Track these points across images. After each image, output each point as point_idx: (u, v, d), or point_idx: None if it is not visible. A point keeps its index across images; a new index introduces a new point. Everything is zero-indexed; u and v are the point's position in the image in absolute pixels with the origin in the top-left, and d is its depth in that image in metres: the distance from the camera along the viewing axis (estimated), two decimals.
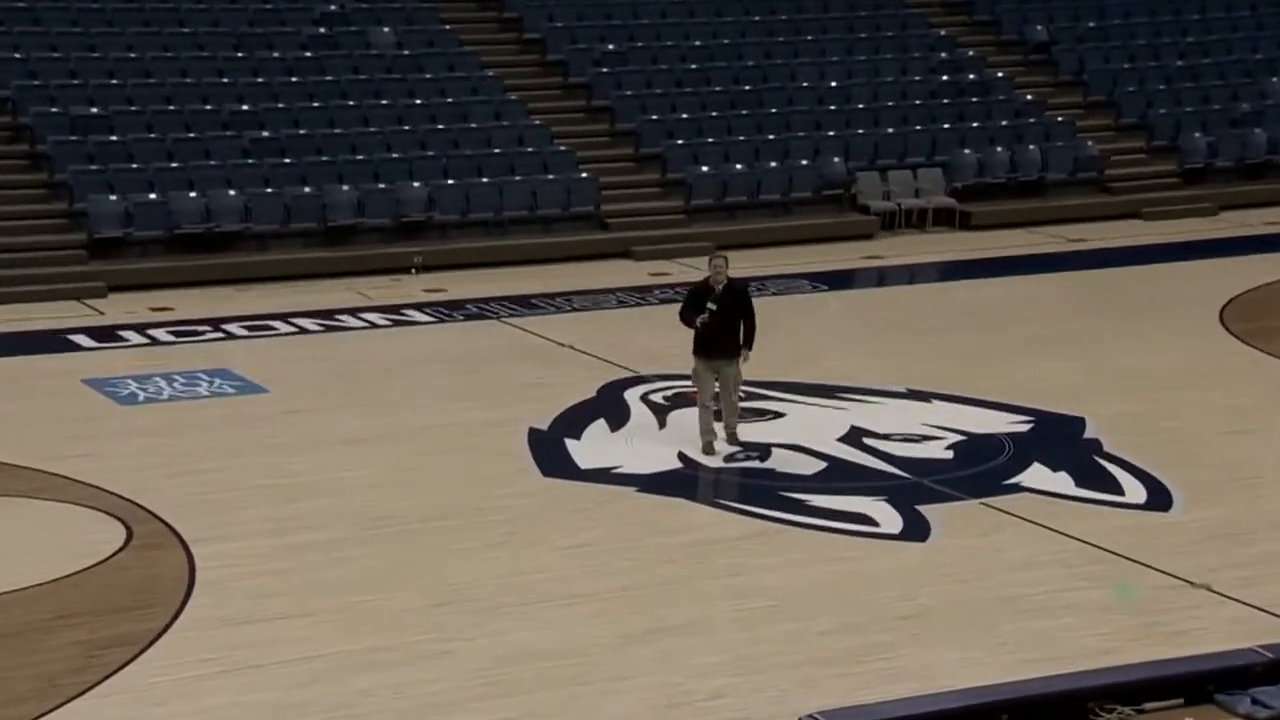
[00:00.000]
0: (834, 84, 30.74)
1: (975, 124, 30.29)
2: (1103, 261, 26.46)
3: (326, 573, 13.63)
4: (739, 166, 28.18)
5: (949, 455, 16.68)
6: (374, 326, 22.27)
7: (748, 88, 30.25)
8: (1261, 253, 26.76)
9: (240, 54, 28.45)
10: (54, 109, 26.25)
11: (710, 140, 28.77)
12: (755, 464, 16.40)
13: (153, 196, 24.83)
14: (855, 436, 17.20)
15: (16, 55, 27.29)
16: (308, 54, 28.85)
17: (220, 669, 11.80)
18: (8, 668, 11.80)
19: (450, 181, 26.51)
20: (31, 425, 17.75)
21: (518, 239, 26.49)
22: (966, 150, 29.54)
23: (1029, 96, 31.60)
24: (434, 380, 19.72)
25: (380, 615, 12.78)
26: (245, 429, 17.57)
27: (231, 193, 25.14)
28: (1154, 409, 18.28)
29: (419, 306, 23.19)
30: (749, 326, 16.52)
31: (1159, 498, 15.47)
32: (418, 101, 28.21)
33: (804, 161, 28.57)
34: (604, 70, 29.97)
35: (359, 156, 26.60)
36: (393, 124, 27.60)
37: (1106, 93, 32.14)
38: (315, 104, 27.62)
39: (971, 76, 31.76)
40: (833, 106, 30.20)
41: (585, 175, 27.39)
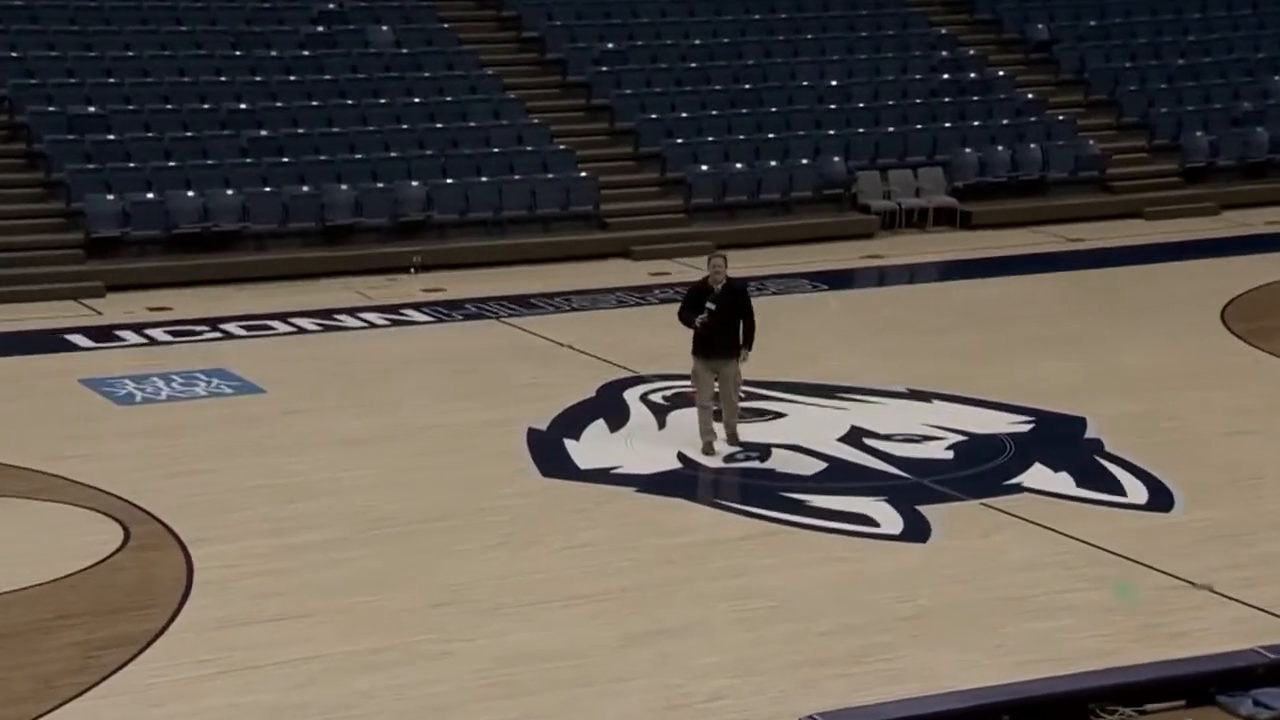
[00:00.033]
0: (834, 83, 30.69)
1: (976, 123, 30.25)
2: (1104, 261, 26.42)
3: (325, 573, 13.59)
4: (739, 165, 28.13)
5: (949, 455, 16.64)
6: (372, 326, 22.23)
7: (748, 86, 30.20)
8: (1263, 252, 26.73)
9: (238, 53, 28.42)
10: (51, 108, 26.20)
11: (710, 139, 28.72)
12: (755, 464, 16.36)
13: (150, 196, 24.79)
14: (855, 437, 17.16)
15: (14, 54, 27.24)
16: (306, 53, 28.81)
17: (218, 670, 11.77)
18: (5, 668, 11.77)
19: (449, 181, 26.46)
20: (29, 426, 17.71)
21: (517, 238, 26.45)
22: (967, 149, 29.49)
23: (1030, 95, 31.56)
24: (433, 380, 19.68)
25: (379, 616, 12.74)
26: (243, 429, 17.53)
27: (229, 192, 25.09)
28: (1155, 409, 18.24)
29: (417, 306, 23.15)
30: (748, 326, 16.47)
31: (1160, 498, 15.43)
32: (416, 100, 28.16)
33: (804, 160, 28.52)
34: (603, 69, 29.92)
35: (357, 156, 26.56)
36: (391, 123, 27.55)
37: (1108, 92, 32.09)
38: (313, 103, 27.57)
39: (972, 75, 31.72)
40: (833, 105, 30.16)
41: (584, 174, 27.34)
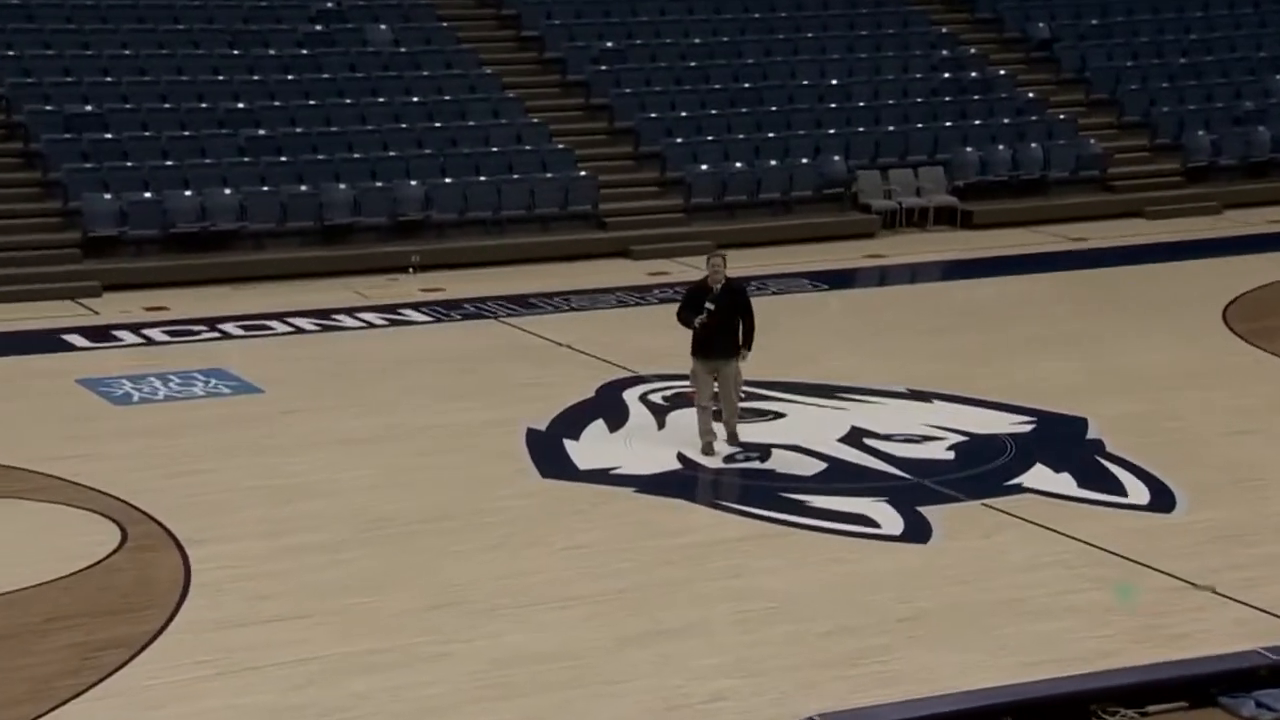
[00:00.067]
0: (835, 82, 30.66)
1: (977, 122, 30.21)
2: (1105, 261, 26.38)
3: (323, 574, 13.54)
4: (739, 165, 28.09)
5: (950, 456, 16.60)
6: (371, 326, 22.20)
7: (747, 85, 30.16)
8: (1265, 252, 26.69)
9: (236, 52, 28.38)
10: (48, 107, 26.17)
11: (710, 138, 28.68)
12: (755, 465, 16.32)
13: (148, 195, 24.75)
14: (856, 437, 17.11)
15: (10, 53, 27.22)
16: (304, 52, 28.77)
17: (216, 671, 11.72)
18: (2, 670, 11.72)
19: (448, 180, 26.42)
20: (25, 426, 17.67)
21: (516, 238, 26.41)
22: (968, 148, 29.45)
23: (1031, 94, 31.53)
24: (431, 380, 19.63)
25: (377, 617, 12.69)
26: (241, 429, 17.49)
27: (227, 191, 25.05)
28: (1157, 409, 18.20)
29: (416, 306, 23.12)
30: (748, 326, 16.41)
31: (1162, 499, 15.38)
32: (415, 100, 28.12)
33: (804, 160, 28.47)
34: (602, 68, 29.88)
35: (356, 155, 26.53)
36: (390, 122, 27.52)
37: (1109, 90, 32.05)
38: (312, 102, 27.54)
39: (973, 74, 31.69)
40: (833, 104, 30.12)
41: (584, 174, 27.30)
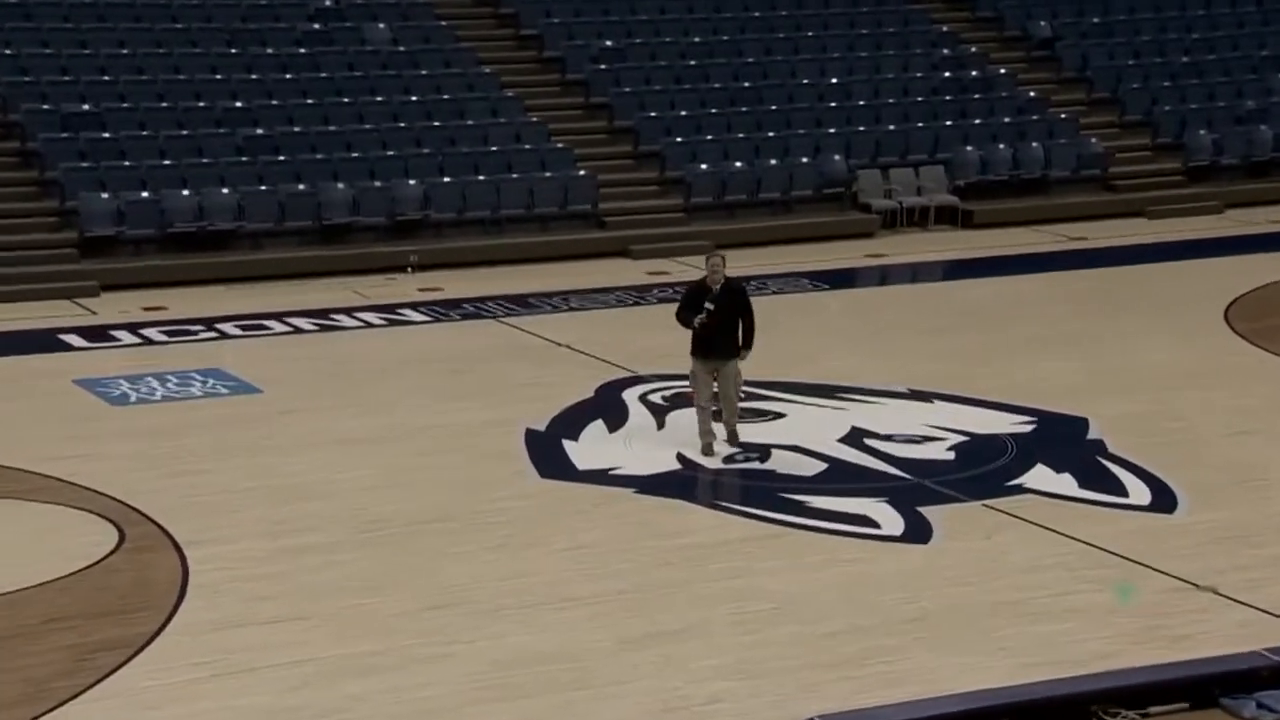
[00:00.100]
0: (835, 81, 30.62)
1: (978, 121, 30.18)
2: (1106, 260, 26.33)
3: (321, 576, 13.49)
4: (738, 164, 28.05)
5: (951, 456, 16.54)
6: (369, 326, 22.17)
7: (747, 84, 30.12)
8: (1267, 251, 26.65)
9: (233, 50, 28.35)
10: (45, 106, 26.16)
11: (709, 138, 28.65)
12: (755, 465, 16.26)
13: (145, 194, 24.75)
14: (856, 437, 17.06)
15: (7, 51, 27.22)
16: (302, 50, 28.74)
17: (213, 673, 11.68)
18: None
19: (446, 179, 26.38)
20: (22, 426, 17.64)
21: (515, 237, 26.38)
22: (969, 148, 29.41)
23: (1032, 93, 31.49)
24: (430, 380, 19.59)
25: (375, 618, 12.64)
26: (239, 430, 17.45)
27: (225, 191, 25.03)
28: (1158, 409, 18.14)
29: (415, 306, 23.11)
30: (748, 326, 16.35)
31: (1164, 499, 15.31)
32: (413, 98, 28.09)
33: (804, 159, 28.43)
34: (602, 67, 29.84)
35: (354, 154, 26.50)
36: (388, 121, 27.49)
37: (1110, 89, 32.01)
38: (310, 101, 27.51)
39: (974, 73, 31.65)
40: (833, 103, 30.08)
41: (583, 173, 27.27)
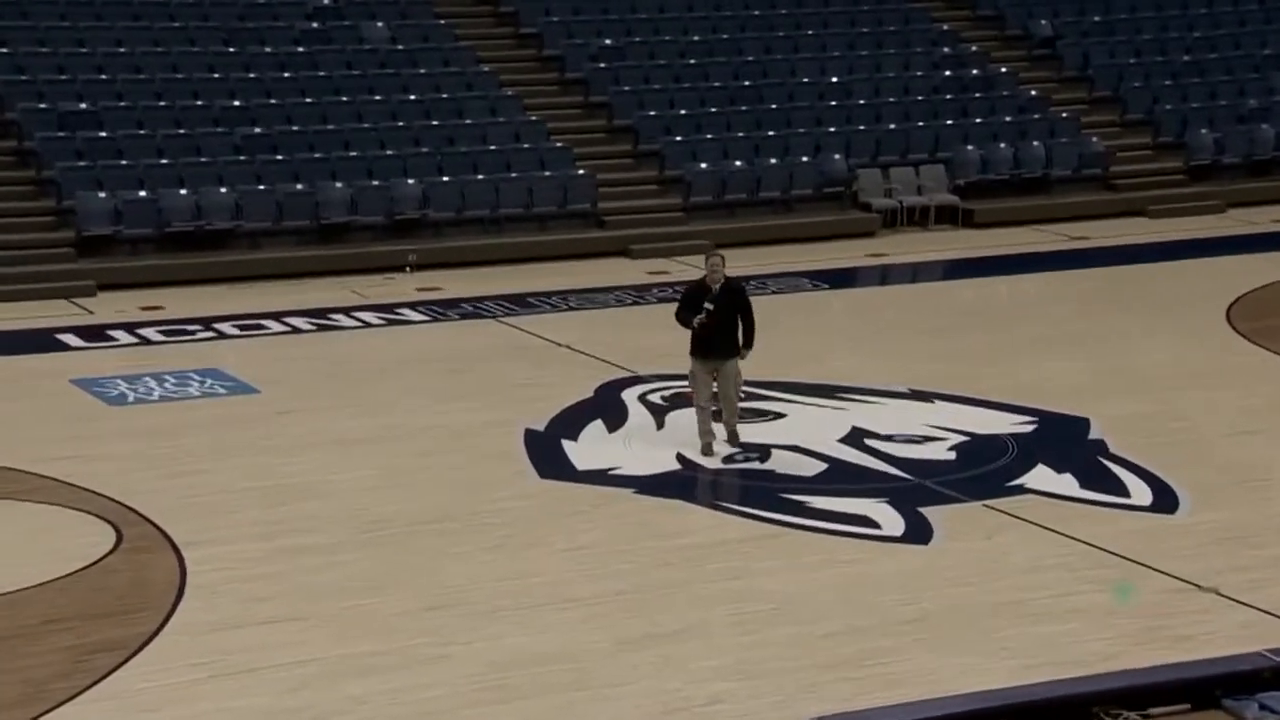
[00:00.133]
0: (835, 79, 30.58)
1: (978, 120, 30.14)
2: (1107, 260, 26.29)
3: (319, 576, 13.45)
4: (738, 163, 28.00)
5: (952, 456, 16.49)
6: (368, 326, 22.14)
7: (747, 83, 30.08)
8: (1269, 251, 26.60)
9: (231, 49, 28.30)
10: (42, 105, 26.12)
11: (709, 137, 28.60)
12: (755, 465, 16.22)
13: (143, 194, 24.70)
14: (856, 437, 17.01)
15: (4, 50, 27.20)
16: (300, 49, 28.69)
17: (211, 674, 11.64)
18: None
19: (445, 179, 26.34)
20: (19, 426, 17.60)
21: (514, 237, 26.34)
22: (969, 147, 29.36)
23: (1033, 92, 31.44)
24: (428, 380, 19.56)
25: (374, 619, 12.60)
26: (237, 430, 17.41)
27: (223, 190, 24.99)
28: (1160, 409, 18.10)
29: (413, 305, 23.08)
30: (748, 326, 16.31)
31: (1165, 500, 15.27)
32: (412, 97, 28.04)
33: (804, 158, 28.39)
34: (601, 66, 29.80)
35: (352, 153, 26.45)
36: (387, 120, 27.45)
37: (1112, 88, 31.97)
38: (308, 100, 27.47)
39: (975, 72, 31.61)
40: (834, 102, 30.03)
41: (582, 172, 27.22)
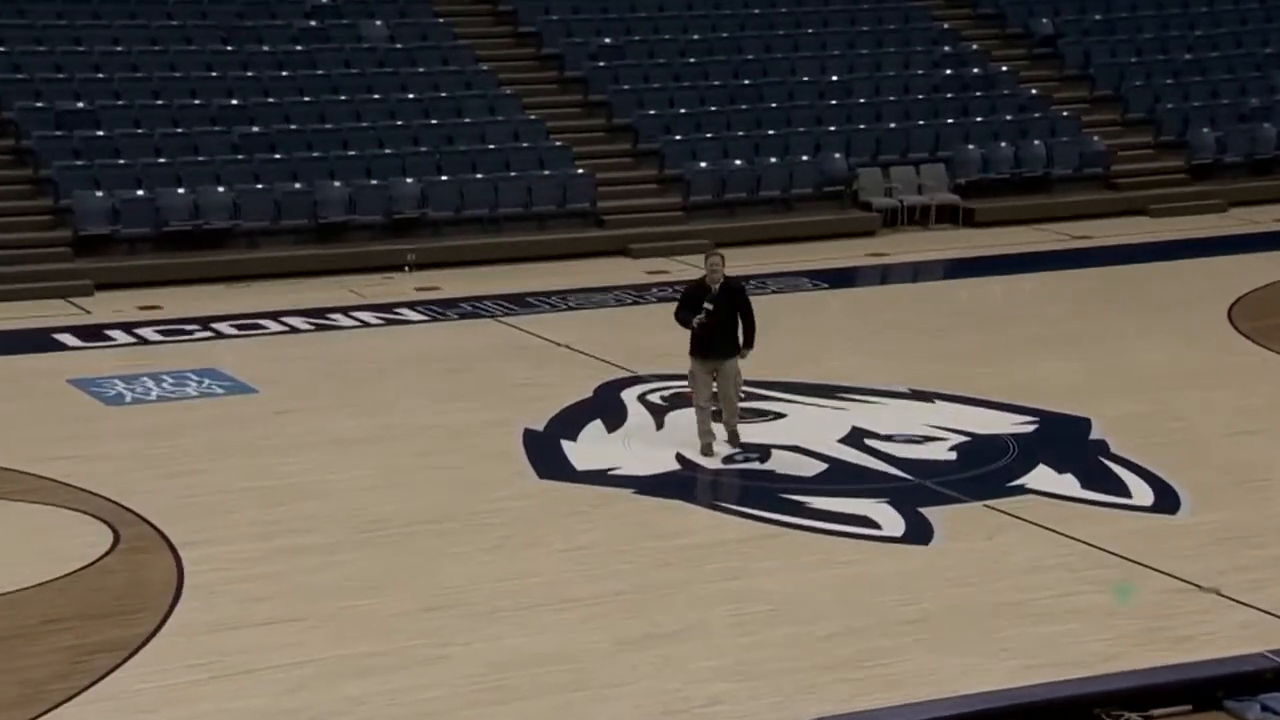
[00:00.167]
0: (835, 78, 30.54)
1: (979, 119, 30.10)
2: (1108, 259, 26.25)
3: (318, 577, 13.42)
4: (738, 162, 27.97)
5: (952, 457, 16.46)
6: (366, 325, 22.12)
7: (747, 82, 30.04)
8: (1270, 250, 26.57)
9: (229, 47, 28.27)
10: (39, 104, 26.10)
11: (709, 136, 28.57)
12: (754, 465, 16.18)
13: (140, 193, 24.67)
14: (857, 437, 16.98)
15: (1, 49, 27.14)
16: (298, 47, 28.65)
17: (209, 675, 11.61)
18: None
19: (444, 178, 26.31)
20: (16, 426, 17.57)
21: (513, 236, 26.30)
22: (970, 146, 29.33)
23: (1034, 91, 31.40)
24: (427, 380, 19.52)
25: (373, 620, 12.57)
26: (235, 430, 17.38)
27: (220, 189, 24.95)
28: (1161, 409, 18.07)
29: (412, 305, 23.07)
30: (748, 325, 16.28)
31: (1166, 500, 15.23)
32: (411, 96, 28.01)
33: (804, 157, 28.35)
34: (601, 64, 29.76)
35: (350, 152, 26.42)
36: (385, 119, 27.41)
37: (1113, 87, 31.93)
38: (306, 99, 27.43)
39: (975, 70, 31.57)
40: (834, 101, 30.00)
41: (581, 171, 27.19)
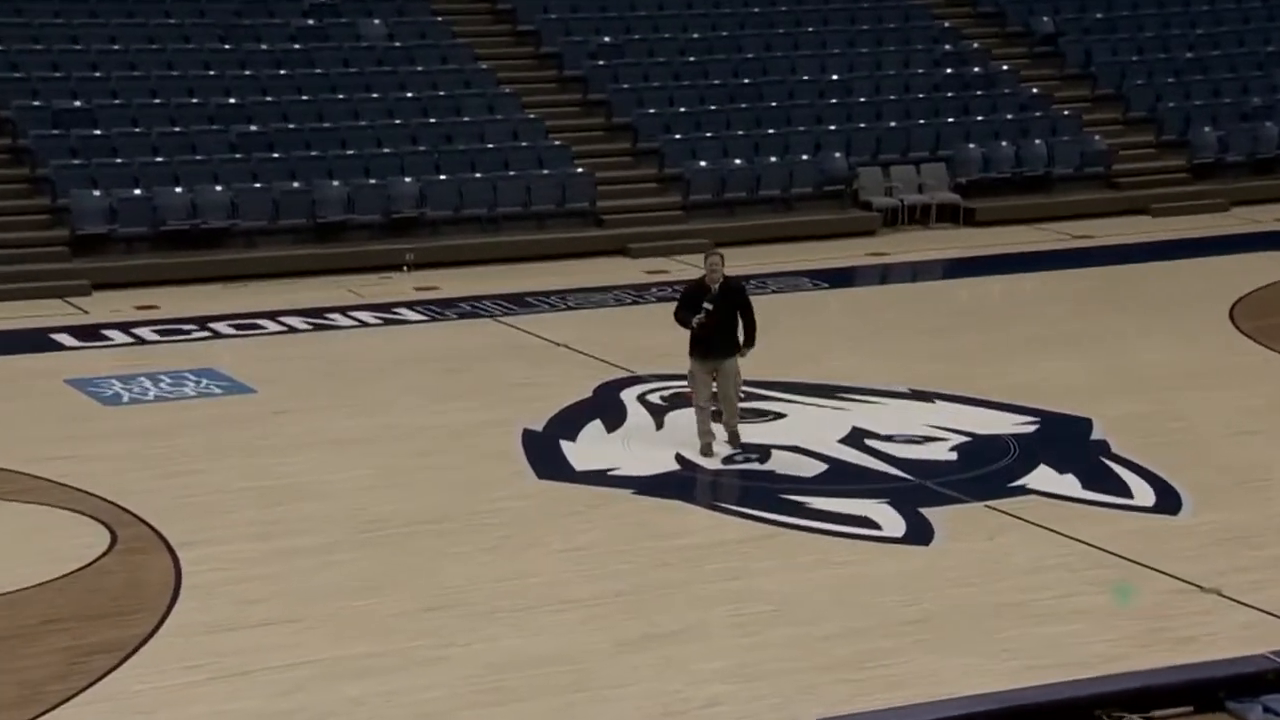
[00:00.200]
0: (835, 77, 30.51)
1: (980, 118, 30.08)
2: (1110, 259, 26.23)
3: (316, 577, 13.40)
4: (738, 161, 27.94)
5: (953, 457, 16.43)
6: (364, 325, 22.11)
7: (747, 81, 30.01)
8: (1272, 249, 26.57)
9: (227, 46, 28.24)
10: (36, 102, 26.07)
11: (709, 135, 28.54)
12: (754, 466, 16.16)
13: (137, 192, 24.64)
14: (857, 438, 16.95)
15: None
16: (296, 46, 28.62)
17: (207, 676, 11.59)
18: None
19: (442, 177, 26.28)
20: (13, 427, 17.55)
21: (511, 235, 26.27)
22: (971, 145, 29.30)
23: (1035, 90, 31.37)
24: (426, 380, 19.50)
25: (371, 620, 12.54)
26: (232, 430, 17.36)
27: (218, 188, 24.92)
28: (1162, 409, 18.04)
29: (410, 305, 23.06)
30: (749, 324, 16.25)
31: (1168, 500, 15.20)
32: (409, 95, 27.98)
33: (805, 156, 28.32)
34: (600, 63, 29.73)
35: (349, 151, 26.39)
36: (383, 118, 27.38)
37: (1114, 86, 31.90)
38: (304, 97, 27.40)
39: (976, 69, 31.54)
40: (834, 100, 29.97)
41: (581, 170, 27.15)
